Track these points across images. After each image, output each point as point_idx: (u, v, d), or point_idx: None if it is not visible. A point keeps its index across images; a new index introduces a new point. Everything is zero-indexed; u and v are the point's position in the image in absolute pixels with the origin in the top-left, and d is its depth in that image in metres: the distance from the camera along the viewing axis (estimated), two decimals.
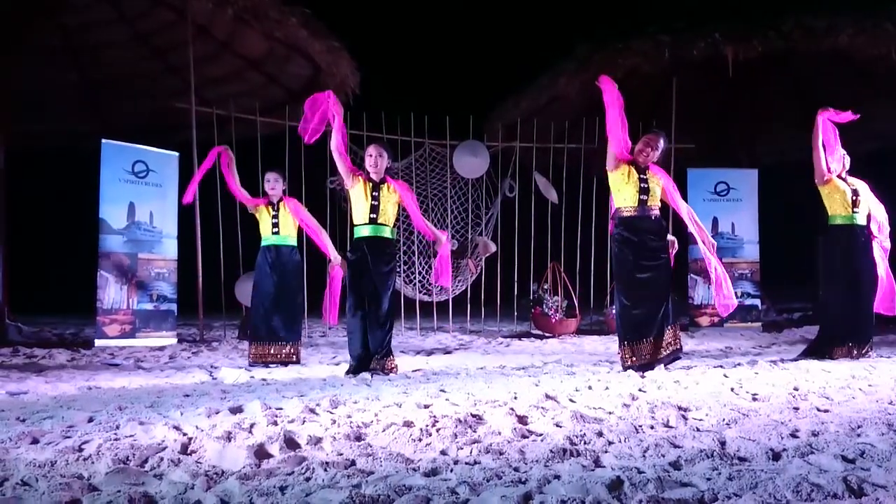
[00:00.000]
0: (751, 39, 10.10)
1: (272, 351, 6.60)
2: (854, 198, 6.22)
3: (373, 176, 5.82)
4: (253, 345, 6.67)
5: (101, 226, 8.34)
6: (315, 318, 10.09)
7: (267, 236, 6.70)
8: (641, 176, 5.59)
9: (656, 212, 5.66)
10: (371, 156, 5.79)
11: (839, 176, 6.30)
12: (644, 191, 5.56)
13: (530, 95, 11.79)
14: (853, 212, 6.23)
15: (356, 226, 5.84)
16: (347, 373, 5.70)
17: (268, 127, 10.28)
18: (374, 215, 5.74)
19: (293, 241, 6.79)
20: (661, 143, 5.69)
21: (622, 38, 10.84)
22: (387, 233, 5.83)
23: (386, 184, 5.83)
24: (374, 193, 5.76)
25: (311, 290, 8.49)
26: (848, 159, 6.33)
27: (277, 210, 6.69)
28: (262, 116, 9.96)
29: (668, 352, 5.53)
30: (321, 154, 10.06)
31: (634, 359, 5.48)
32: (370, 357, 5.74)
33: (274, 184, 6.73)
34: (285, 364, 6.51)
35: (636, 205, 5.57)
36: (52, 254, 16.42)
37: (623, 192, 5.61)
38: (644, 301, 5.52)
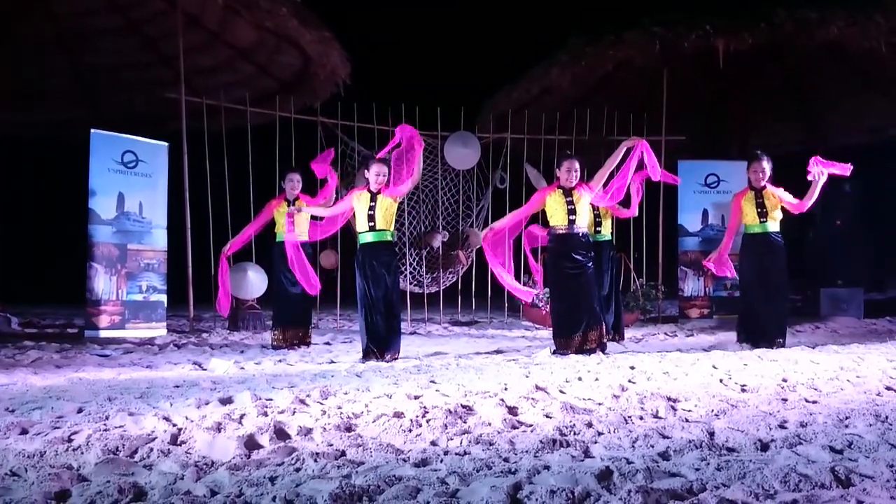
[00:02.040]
0: (742, 31, 10.09)
1: (291, 335, 7.34)
2: (760, 210, 6.93)
3: (372, 187, 6.40)
4: (276, 330, 7.39)
5: (90, 216, 8.29)
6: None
7: (283, 234, 7.38)
8: (568, 199, 6.50)
9: (584, 230, 6.62)
10: (378, 175, 6.37)
11: (753, 188, 6.99)
12: (572, 212, 6.48)
13: (522, 87, 11.75)
14: (760, 221, 6.93)
15: (359, 233, 6.46)
16: (363, 360, 6.18)
17: (258, 117, 10.23)
18: (372, 223, 6.36)
19: (305, 237, 7.45)
20: (577, 164, 6.56)
21: (614, 29, 10.82)
22: (387, 236, 6.45)
23: (381, 194, 6.39)
24: (371, 203, 6.37)
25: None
26: (765, 173, 6.93)
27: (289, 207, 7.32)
28: (252, 107, 9.90)
29: (590, 346, 6.40)
30: (313, 147, 10.04)
31: (565, 348, 6.42)
32: (382, 345, 6.28)
33: (296, 184, 7.49)
34: (299, 346, 7.27)
35: (566, 224, 6.49)
36: (42, 244, 16.33)
37: (556, 216, 6.54)
38: (570, 301, 6.49)
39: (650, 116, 10.96)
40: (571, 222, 6.46)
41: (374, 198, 6.37)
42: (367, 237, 6.38)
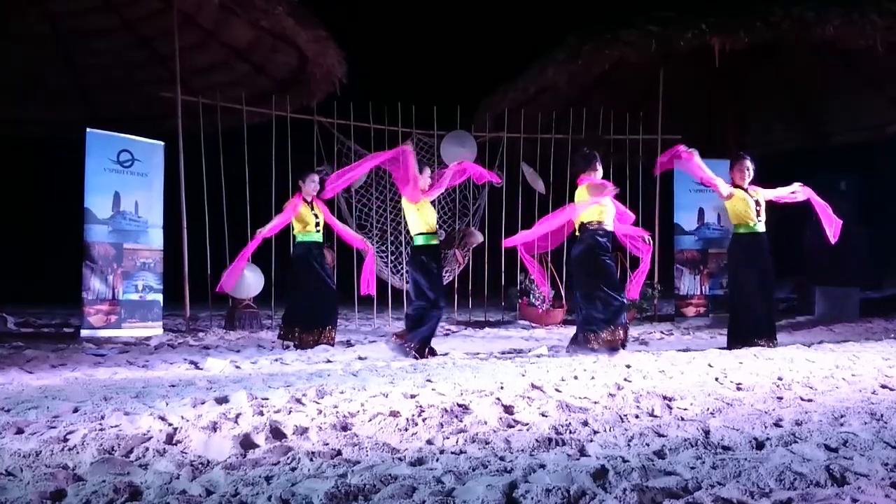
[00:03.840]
0: (739, 30, 10.09)
1: (315, 335, 7.19)
2: (756, 209, 6.77)
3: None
4: (302, 332, 7.20)
5: (86, 215, 8.28)
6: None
7: (311, 233, 7.26)
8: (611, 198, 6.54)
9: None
10: (431, 176, 6.59)
11: (742, 188, 6.84)
12: (611, 209, 6.52)
13: (518, 86, 11.76)
14: (758, 220, 6.80)
15: (422, 234, 6.49)
16: (418, 356, 6.23)
17: (254, 116, 10.23)
18: (436, 224, 6.62)
19: (320, 238, 7.39)
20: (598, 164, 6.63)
21: (611, 28, 10.82)
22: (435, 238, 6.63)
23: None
24: (430, 206, 6.55)
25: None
26: (751, 172, 6.87)
27: (312, 208, 7.28)
28: (248, 106, 9.88)
29: (624, 340, 6.33)
30: (308, 145, 10.04)
31: (610, 344, 6.16)
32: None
33: (317, 185, 7.34)
34: (325, 344, 7.15)
35: (608, 222, 6.45)
36: (38, 243, 16.31)
37: (607, 212, 6.43)
38: (614, 297, 6.31)
39: (646, 115, 10.96)
40: (610, 221, 6.49)
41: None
42: (428, 239, 6.49)
